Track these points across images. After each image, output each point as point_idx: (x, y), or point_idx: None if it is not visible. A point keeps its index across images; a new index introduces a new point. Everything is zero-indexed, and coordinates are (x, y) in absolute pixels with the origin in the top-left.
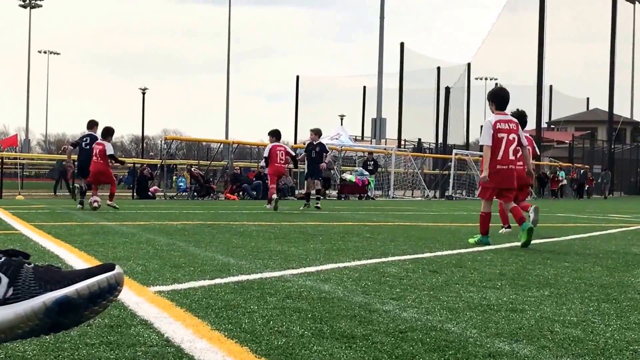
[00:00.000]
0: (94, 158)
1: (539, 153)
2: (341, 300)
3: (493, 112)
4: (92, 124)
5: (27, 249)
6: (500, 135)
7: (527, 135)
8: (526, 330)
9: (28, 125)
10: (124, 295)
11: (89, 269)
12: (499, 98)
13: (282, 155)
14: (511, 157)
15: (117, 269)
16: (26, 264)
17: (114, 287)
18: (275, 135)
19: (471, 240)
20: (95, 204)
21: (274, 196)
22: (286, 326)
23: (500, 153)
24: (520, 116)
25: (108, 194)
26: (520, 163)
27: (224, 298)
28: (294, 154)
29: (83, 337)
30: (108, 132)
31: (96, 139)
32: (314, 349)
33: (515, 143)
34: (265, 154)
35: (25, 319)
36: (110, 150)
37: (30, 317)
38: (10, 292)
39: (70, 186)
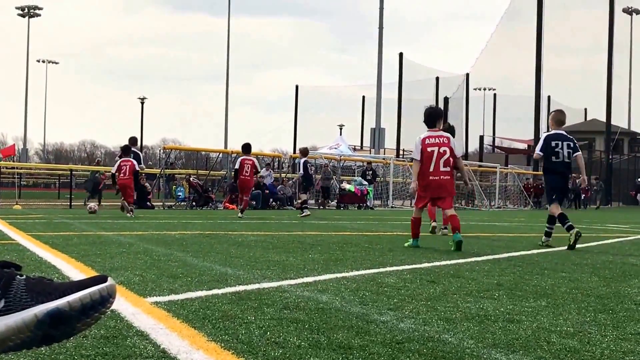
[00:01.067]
0: (122, 175)
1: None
2: (339, 311)
3: (427, 130)
4: (135, 141)
5: (23, 259)
6: (430, 149)
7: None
8: (523, 341)
9: (26, 135)
10: (120, 306)
11: (81, 281)
12: (427, 117)
13: (247, 169)
14: (442, 168)
15: (110, 281)
16: (18, 276)
17: (106, 299)
18: (244, 149)
19: (406, 244)
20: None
21: (240, 209)
22: (283, 337)
23: (432, 166)
24: (450, 129)
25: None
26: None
27: (221, 309)
28: (259, 169)
29: (79, 349)
30: (128, 151)
31: (139, 155)
32: None
33: (447, 155)
34: (236, 166)
35: (16, 331)
36: (137, 166)
37: (22, 329)
38: (2, 304)
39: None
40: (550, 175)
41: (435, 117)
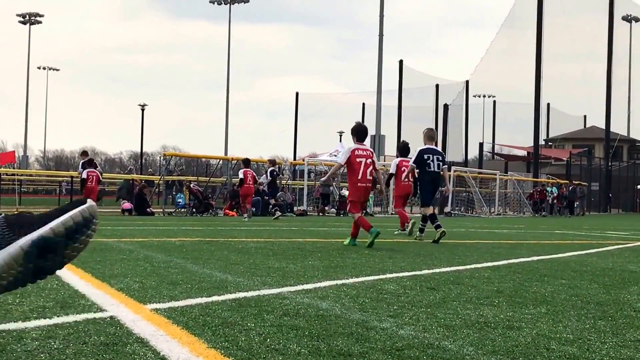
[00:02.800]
0: (89, 183)
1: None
2: (338, 318)
3: (354, 143)
4: (87, 154)
5: None
6: (358, 160)
7: (408, 159)
8: (522, 348)
9: (26, 142)
10: (120, 313)
11: (61, 207)
12: (358, 132)
13: (250, 178)
14: (368, 177)
15: (89, 202)
16: None
17: (89, 220)
18: (245, 162)
19: (345, 243)
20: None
21: (245, 216)
22: (283, 344)
23: (360, 174)
24: (405, 147)
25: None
26: (407, 179)
27: (221, 315)
28: (256, 178)
29: (78, 356)
30: (92, 162)
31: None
32: None
33: (371, 167)
34: (240, 175)
35: (5, 268)
36: (99, 176)
37: (11, 264)
38: None
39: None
40: (423, 183)
41: (365, 132)
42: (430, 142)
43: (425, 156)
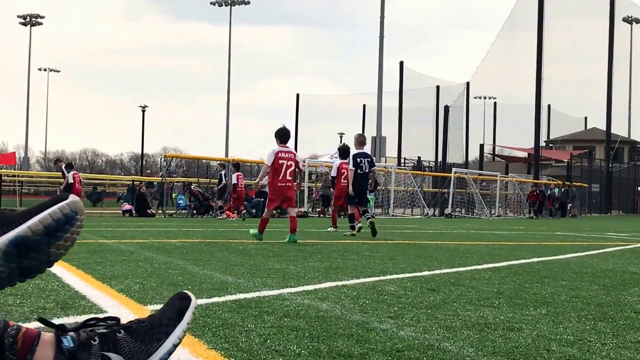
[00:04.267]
0: (78, 185)
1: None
2: (339, 319)
3: (278, 145)
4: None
5: None
6: (281, 161)
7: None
8: (523, 349)
9: (27, 143)
10: (120, 314)
11: (41, 204)
12: (281, 135)
13: (241, 182)
14: (288, 177)
15: (71, 198)
16: None
17: (71, 217)
18: (235, 166)
19: (252, 231)
20: None
21: (242, 212)
22: (283, 345)
23: (281, 175)
24: (345, 149)
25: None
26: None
27: (221, 317)
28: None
29: None
30: (71, 166)
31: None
32: None
33: (292, 167)
34: (234, 180)
35: None
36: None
37: None
38: None
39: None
40: (354, 183)
41: (288, 135)
42: (361, 147)
43: (359, 159)
